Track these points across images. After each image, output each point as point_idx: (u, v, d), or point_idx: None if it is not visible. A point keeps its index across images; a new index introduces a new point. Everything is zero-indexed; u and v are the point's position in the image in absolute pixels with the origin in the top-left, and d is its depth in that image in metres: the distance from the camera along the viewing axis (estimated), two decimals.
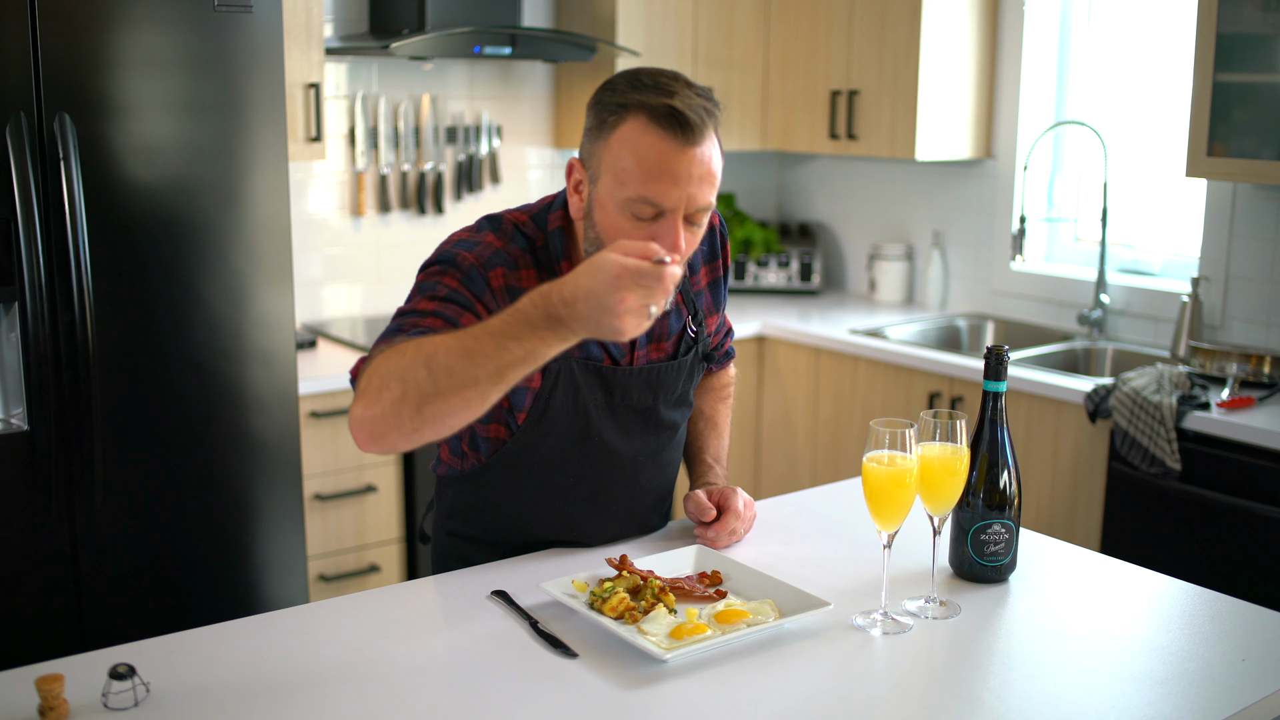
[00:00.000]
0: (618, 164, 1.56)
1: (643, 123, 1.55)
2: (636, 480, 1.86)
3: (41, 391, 2.37)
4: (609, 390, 1.77)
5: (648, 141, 1.54)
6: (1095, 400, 2.98)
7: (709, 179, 1.57)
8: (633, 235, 1.56)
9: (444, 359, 1.40)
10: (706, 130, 1.56)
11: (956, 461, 1.61)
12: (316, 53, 3.21)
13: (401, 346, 1.46)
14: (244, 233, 2.61)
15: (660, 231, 1.56)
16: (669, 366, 1.80)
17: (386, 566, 3.28)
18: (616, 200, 1.57)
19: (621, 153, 1.56)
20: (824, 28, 4.00)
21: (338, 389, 3.12)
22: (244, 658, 1.50)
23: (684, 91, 1.57)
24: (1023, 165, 3.78)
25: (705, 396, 2.07)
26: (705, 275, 1.90)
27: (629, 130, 1.56)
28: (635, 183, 1.55)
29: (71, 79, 2.37)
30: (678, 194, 1.55)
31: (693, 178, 1.55)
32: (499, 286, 1.65)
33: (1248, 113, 2.98)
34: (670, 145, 1.54)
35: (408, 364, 1.43)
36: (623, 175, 1.56)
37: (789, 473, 3.91)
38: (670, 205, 1.55)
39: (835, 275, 4.52)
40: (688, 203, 1.56)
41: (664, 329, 1.82)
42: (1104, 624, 1.64)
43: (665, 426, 1.85)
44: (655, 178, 1.54)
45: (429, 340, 1.44)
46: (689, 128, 1.54)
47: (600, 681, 1.45)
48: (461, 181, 3.88)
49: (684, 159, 1.54)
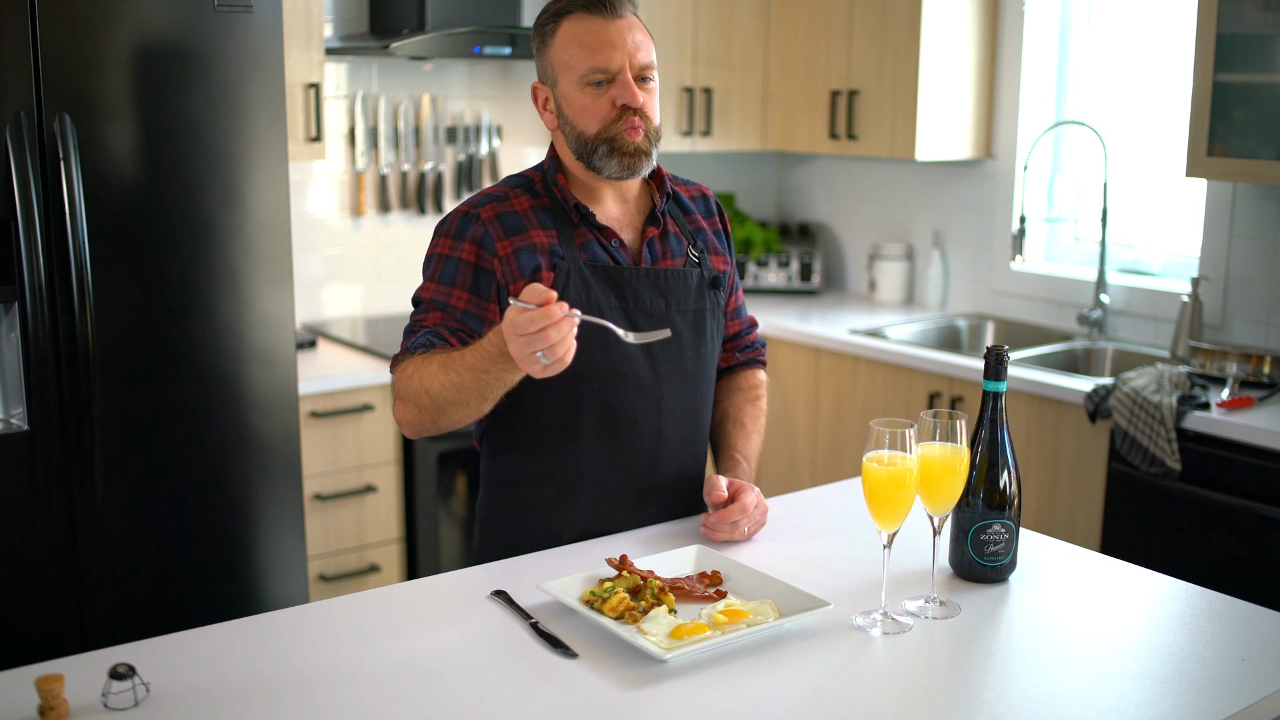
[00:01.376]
0: (565, 57, 1.84)
1: (574, 18, 1.84)
2: (661, 397, 1.92)
3: (41, 391, 2.37)
4: (620, 291, 1.90)
5: (582, 26, 1.84)
6: (1095, 400, 2.98)
7: (641, 45, 1.85)
8: (597, 105, 1.84)
9: (438, 390, 1.73)
10: (625, 6, 1.86)
11: (956, 461, 1.61)
12: (316, 53, 3.21)
13: (410, 371, 1.78)
14: (244, 233, 2.61)
15: (617, 91, 1.83)
16: (675, 271, 1.95)
17: (386, 566, 3.28)
18: (573, 84, 1.84)
19: (565, 46, 1.84)
20: (824, 28, 4.00)
21: (338, 389, 3.12)
22: (244, 658, 1.50)
23: None
24: (1023, 165, 3.78)
25: (733, 397, 2.11)
26: (705, 223, 2.06)
27: (566, 29, 1.85)
28: (582, 61, 1.83)
29: (71, 79, 2.37)
30: (620, 55, 1.83)
31: (626, 41, 1.83)
32: (489, 216, 1.88)
33: (1248, 113, 2.98)
34: (600, 22, 1.83)
35: (415, 390, 1.76)
36: (572, 61, 1.84)
37: (789, 473, 3.91)
38: (616, 66, 1.83)
39: (835, 275, 4.52)
40: (630, 62, 1.83)
41: (665, 249, 1.96)
42: (1104, 624, 1.64)
43: (686, 343, 1.94)
44: (596, 49, 1.82)
45: (426, 370, 1.75)
46: (610, 5, 1.84)
47: (600, 681, 1.45)
48: (461, 181, 3.88)
49: (614, 29, 1.83)
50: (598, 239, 1.90)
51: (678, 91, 4.00)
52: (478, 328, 1.85)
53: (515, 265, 1.85)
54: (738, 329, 2.14)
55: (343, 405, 3.13)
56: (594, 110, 1.84)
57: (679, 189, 2.05)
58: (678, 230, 1.99)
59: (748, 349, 2.16)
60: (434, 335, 1.83)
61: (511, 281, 1.85)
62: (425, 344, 1.82)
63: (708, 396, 2.02)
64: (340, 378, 3.12)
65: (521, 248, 1.86)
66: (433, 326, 1.84)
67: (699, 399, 1.99)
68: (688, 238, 1.99)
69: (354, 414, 3.16)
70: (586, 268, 1.87)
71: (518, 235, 1.87)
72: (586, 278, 1.87)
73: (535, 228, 1.88)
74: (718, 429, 2.10)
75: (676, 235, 1.98)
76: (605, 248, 1.90)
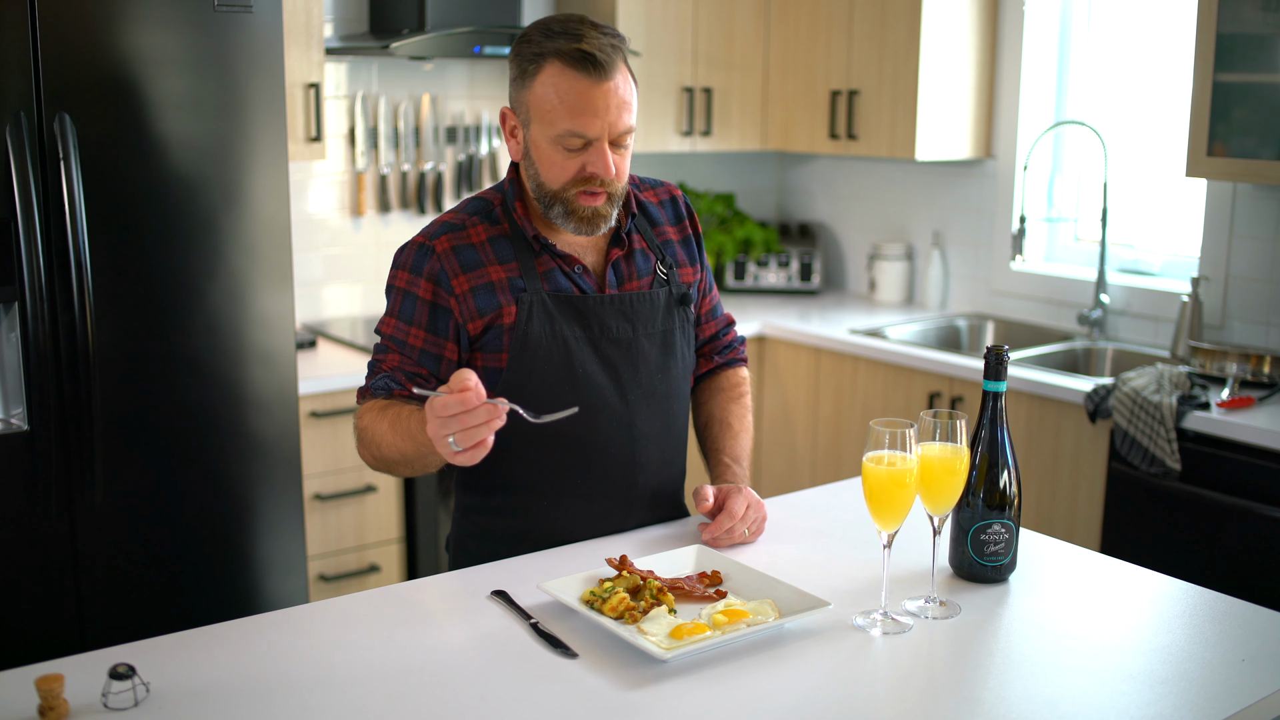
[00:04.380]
0: (543, 107, 1.76)
1: (559, 67, 1.74)
2: (632, 423, 1.89)
3: (41, 391, 2.37)
4: (585, 322, 1.86)
5: (566, 83, 1.74)
6: (1095, 400, 2.98)
7: (625, 106, 1.77)
8: (566, 165, 1.77)
9: (386, 450, 1.78)
10: (616, 64, 1.75)
11: (956, 461, 1.61)
12: (316, 53, 3.21)
13: (366, 421, 1.82)
14: (244, 233, 2.61)
15: (590, 158, 1.76)
16: (640, 296, 1.91)
17: (386, 566, 3.28)
18: (547, 138, 1.77)
19: (545, 96, 1.75)
20: (824, 28, 4.00)
21: (338, 389, 3.12)
22: (244, 658, 1.50)
23: (590, 34, 1.75)
24: (1023, 165, 3.78)
25: (715, 398, 2.09)
26: (673, 233, 2.01)
27: (548, 76, 1.75)
28: (561, 120, 1.74)
29: (71, 79, 2.37)
30: (599, 124, 1.75)
31: (610, 108, 1.75)
32: (444, 250, 1.83)
33: (1248, 113, 2.98)
34: (586, 83, 1.73)
35: (369, 441, 1.81)
36: (549, 115, 1.75)
37: (789, 473, 3.91)
38: (595, 134, 1.75)
39: (835, 275, 4.52)
40: (609, 130, 1.76)
41: (631, 270, 1.92)
42: (1104, 624, 1.64)
43: (654, 366, 1.91)
44: (578, 113, 1.74)
45: (377, 428, 1.78)
46: (599, 66, 1.73)
47: (600, 681, 1.45)
48: (461, 181, 3.88)
49: (600, 93, 1.74)
50: (560, 266, 1.85)
51: (678, 91, 4.00)
52: (434, 368, 1.83)
53: (472, 303, 1.82)
54: (714, 330, 2.10)
55: (343, 405, 3.13)
56: (561, 169, 1.78)
57: (646, 195, 1.99)
58: (644, 246, 1.94)
59: (727, 349, 2.13)
60: (391, 380, 1.83)
61: (470, 320, 1.82)
62: (384, 388, 1.83)
63: (682, 413, 2.00)
64: (340, 378, 3.12)
65: (478, 286, 1.82)
66: (390, 370, 1.84)
67: (672, 417, 1.96)
68: (655, 253, 1.95)
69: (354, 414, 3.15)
70: (550, 299, 1.83)
71: (474, 271, 1.82)
72: (550, 309, 1.83)
73: (493, 263, 1.83)
74: (704, 433, 2.07)
75: (643, 252, 1.93)
76: (568, 275, 1.86)
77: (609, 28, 1.78)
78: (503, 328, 1.82)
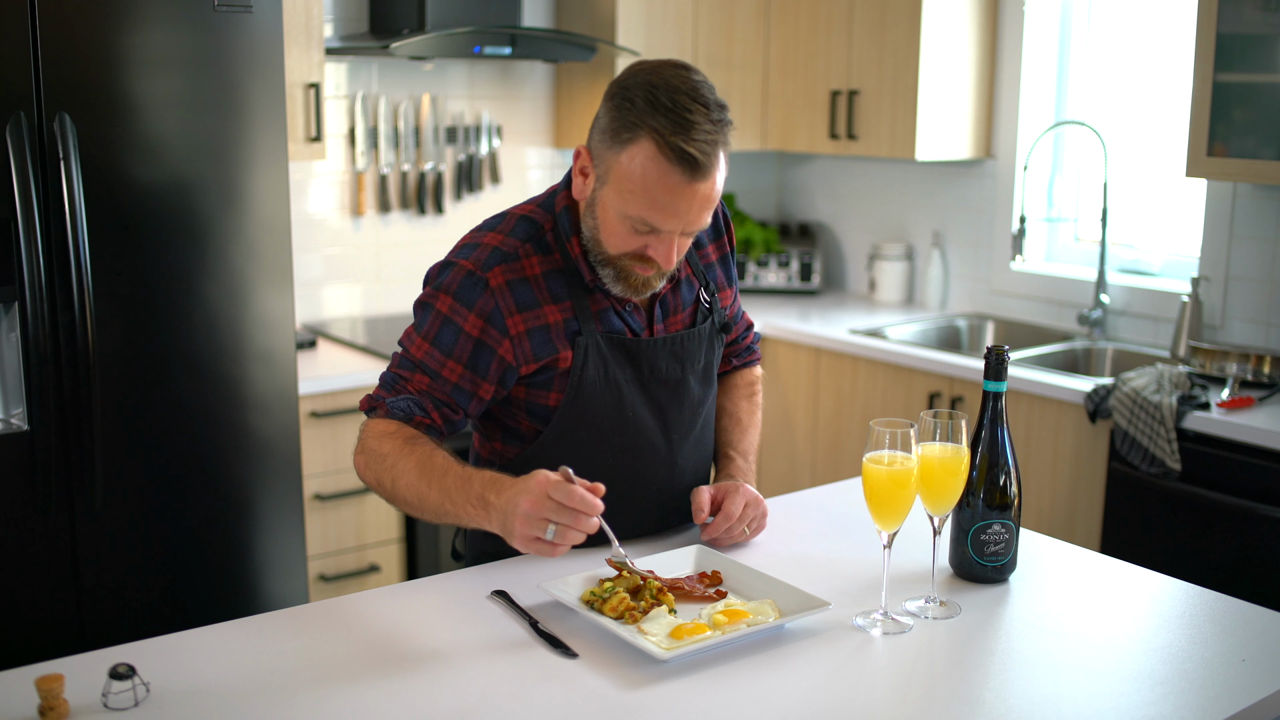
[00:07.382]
0: (625, 180, 1.63)
1: (653, 152, 1.60)
2: (674, 462, 1.88)
3: (41, 391, 2.37)
4: (636, 364, 1.81)
5: (656, 172, 1.61)
6: (1095, 400, 2.98)
7: (708, 205, 1.66)
8: (628, 240, 1.68)
9: (403, 491, 1.67)
10: (714, 163, 1.62)
11: (957, 462, 1.61)
12: (316, 53, 3.21)
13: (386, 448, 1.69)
14: (244, 233, 2.61)
15: (655, 245, 1.67)
16: (690, 334, 1.85)
17: (386, 566, 3.28)
18: (618, 211, 1.66)
19: (630, 173, 1.62)
20: (824, 28, 4.00)
21: (338, 389, 3.12)
22: (244, 658, 1.50)
23: (700, 122, 1.60)
24: (1023, 165, 3.78)
25: (728, 394, 2.09)
26: (714, 251, 1.96)
27: (640, 152, 1.61)
28: (638, 205, 1.63)
29: (71, 79, 2.36)
30: (677, 222, 1.65)
31: (693, 209, 1.64)
32: (498, 285, 1.73)
33: (1248, 113, 2.98)
34: (677, 180, 1.60)
35: (382, 471, 1.70)
36: (628, 194, 1.63)
37: (789, 473, 3.91)
38: (668, 230, 1.66)
39: (835, 275, 4.52)
40: (685, 227, 1.66)
41: (677, 302, 1.87)
42: (1104, 624, 1.64)
43: (697, 401, 1.88)
44: (658, 207, 1.63)
45: (401, 464, 1.66)
46: (696, 166, 1.60)
47: (600, 681, 1.45)
48: (461, 181, 3.88)
49: (688, 192, 1.62)
50: (613, 306, 1.79)
51: None
52: (465, 404, 1.75)
53: (528, 346, 1.73)
54: (736, 334, 2.08)
55: (343, 405, 3.13)
56: (623, 241, 1.68)
57: None
58: (689, 273, 1.89)
59: (745, 351, 2.14)
60: (416, 405, 1.73)
61: (524, 364, 1.74)
62: (405, 412, 1.73)
63: (711, 437, 1.99)
64: (340, 378, 3.12)
65: (534, 328, 1.74)
66: (417, 394, 1.74)
67: (705, 446, 1.96)
68: (699, 279, 1.90)
69: (354, 414, 3.15)
70: (604, 341, 1.77)
71: (529, 311, 1.73)
72: (604, 353, 1.77)
73: (548, 302, 1.74)
74: (715, 426, 2.07)
75: (688, 280, 1.88)
76: (620, 314, 1.80)
77: (719, 105, 1.63)
78: (556, 371, 1.76)
